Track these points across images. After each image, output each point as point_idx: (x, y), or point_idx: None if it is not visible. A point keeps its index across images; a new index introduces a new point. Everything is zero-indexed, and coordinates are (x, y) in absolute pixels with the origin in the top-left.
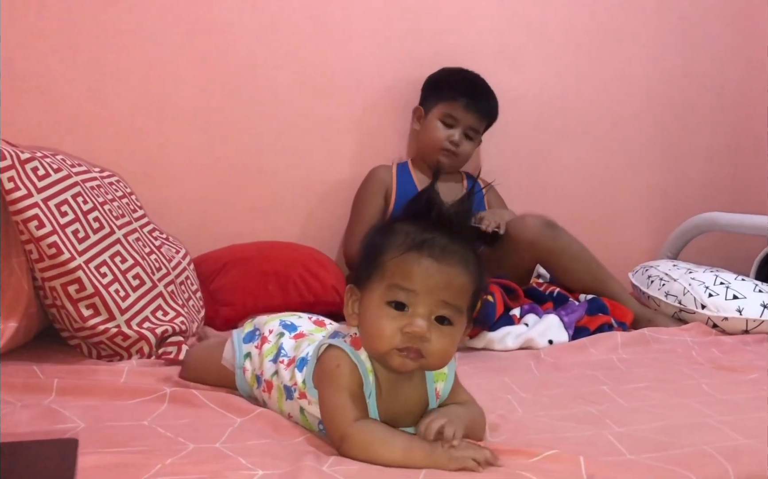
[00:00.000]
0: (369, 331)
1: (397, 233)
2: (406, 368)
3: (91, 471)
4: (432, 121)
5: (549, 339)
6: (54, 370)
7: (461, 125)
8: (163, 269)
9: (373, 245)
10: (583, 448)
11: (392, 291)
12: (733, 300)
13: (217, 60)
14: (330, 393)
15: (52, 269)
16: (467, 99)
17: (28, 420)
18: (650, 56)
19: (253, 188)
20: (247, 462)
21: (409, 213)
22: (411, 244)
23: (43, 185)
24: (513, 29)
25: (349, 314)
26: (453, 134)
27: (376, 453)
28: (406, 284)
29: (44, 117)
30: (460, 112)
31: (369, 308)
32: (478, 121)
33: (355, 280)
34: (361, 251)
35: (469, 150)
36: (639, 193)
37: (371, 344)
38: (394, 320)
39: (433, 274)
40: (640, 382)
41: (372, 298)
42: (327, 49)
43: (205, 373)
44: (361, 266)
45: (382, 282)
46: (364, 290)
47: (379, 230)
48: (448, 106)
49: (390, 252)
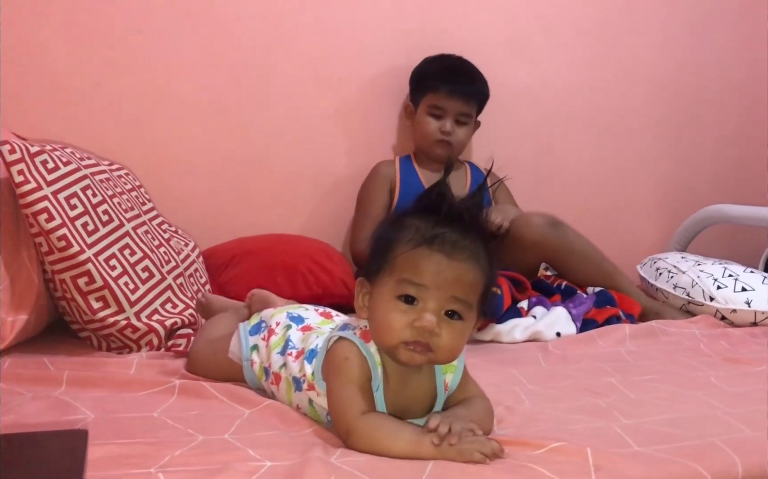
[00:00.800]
0: (378, 324)
1: (407, 228)
2: (414, 362)
3: (101, 462)
4: (421, 115)
5: (557, 332)
6: (64, 362)
7: (450, 114)
8: (173, 261)
9: (384, 239)
10: (591, 440)
11: (402, 285)
12: (741, 292)
13: (225, 54)
14: (338, 385)
15: (62, 261)
16: (450, 86)
17: (39, 411)
18: (658, 48)
19: (260, 181)
20: (256, 454)
21: (420, 207)
22: (422, 239)
23: (53, 178)
24: (520, 21)
25: (359, 306)
26: (444, 124)
27: (382, 445)
28: (416, 278)
29: (52, 111)
30: (445, 101)
31: (379, 302)
32: (466, 105)
33: (365, 273)
34: (372, 245)
35: (463, 136)
36: (647, 185)
37: (380, 338)
38: (404, 314)
39: (443, 269)
40: (648, 374)
41: (382, 292)
42: (333, 42)
43: (212, 366)
44: (372, 259)
45: (392, 276)
46: (374, 283)
47: (390, 224)
48: (433, 97)
49: (401, 247)
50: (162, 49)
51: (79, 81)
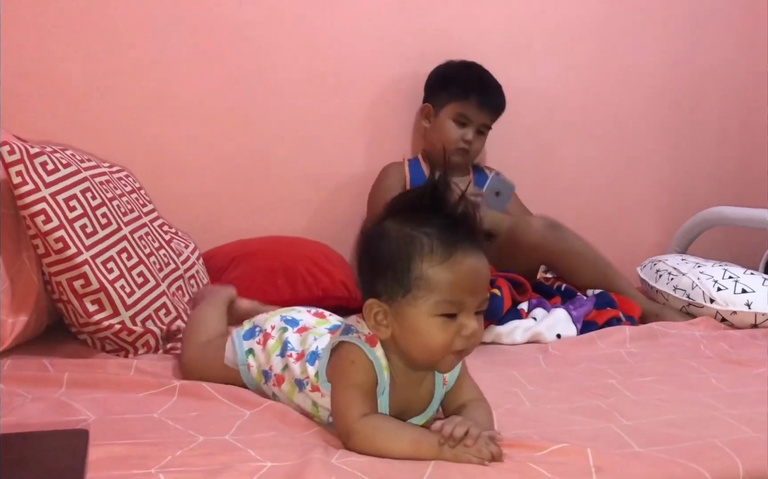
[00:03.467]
0: (421, 344)
1: (417, 239)
2: (453, 366)
3: (102, 463)
4: (445, 121)
5: (557, 333)
6: (64, 363)
7: (475, 124)
8: (172, 264)
9: (395, 257)
10: (591, 441)
11: (443, 306)
12: (741, 294)
13: (226, 55)
14: (340, 388)
15: (59, 263)
16: (481, 98)
17: (39, 413)
18: (658, 50)
19: (261, 184)
20: (256, 454)
21: (412, 210)
22: (445, 249)
23: (52, 179)
24: (520, 24)
25: (375, 326)
26: (467, 133)
27: (382, 445)
28: (458, 296)
29: (53, 113)
30: (474, 112)
31: (416, 322)
32: (491, 118)
33: (373, 292)
34: (376, 264)
35: (479, 146)
36: (647, 187)
37: (423, 356)
38: (449, 329)
39: (473, 277)
40: (648, 376)
41: (416, 312)
42: (334, 44)
43: (209, 373)
44: (382, 277)
45: (429, 296)
46: (394, 302)
47: (392, 237)
48: (461, 106)
49: (424, 263)
50: (163, 51)
51: (80, 83)
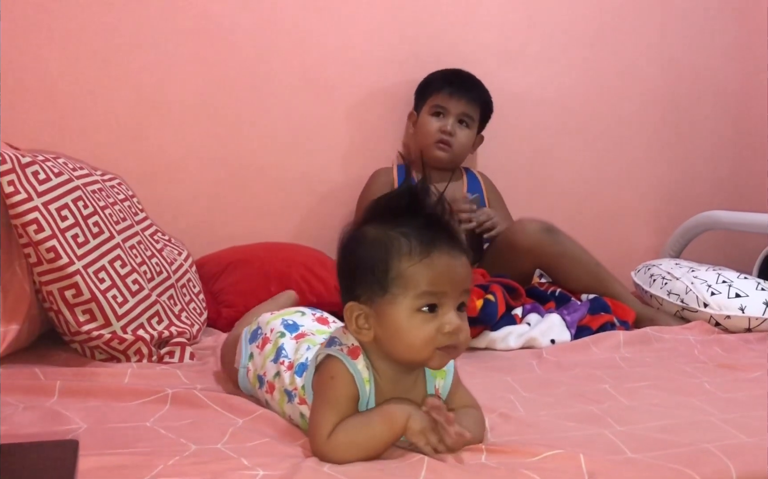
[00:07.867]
0: (404, 342)
1: (395, 240)
2: (444, 364)
3: (93, 473)
4: (423, 116)
5: (551, 339)
6: (56, 372)
7: (452, 113)
8: (164, 272)
9: (373, 259)
10: (585, 447)
11: (423, 298)
12: (735, 299)
13: (218, 61)
14: (317, 404)
15: (50, 273)
16: (451, 87)
17: (31, 422)
18: (652, 54)
19: (254, 189)
20: (249, 463)
21: (390, 212)
22: (422, 247)
23: (44, 188)
24: (514, 28)
25: (357, 330)
26: (445, 123)
27: (359, 453)
28: (436, 287)
29: (46, 118)
30: (447, 100)
31: (397, 320)
32: (469, 106)
33: (353, 296)
34: (355, 268)
35: (464, 139)
36: (641, 191)
37: (409, 354)
38: (430, 323)
39: (452, 269)
40: (642, 381)
41: (397, 310)
42: (327, 49)
43: (229, 367)
44: (362, 281)
45: (407, 292)
46: (374, 303)
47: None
48: (435, 98)
49: (402, 262)
50: (156, 57)
51: (73, 89)
